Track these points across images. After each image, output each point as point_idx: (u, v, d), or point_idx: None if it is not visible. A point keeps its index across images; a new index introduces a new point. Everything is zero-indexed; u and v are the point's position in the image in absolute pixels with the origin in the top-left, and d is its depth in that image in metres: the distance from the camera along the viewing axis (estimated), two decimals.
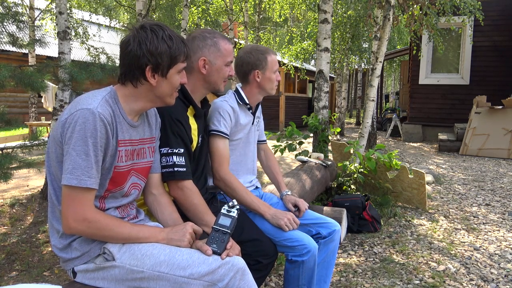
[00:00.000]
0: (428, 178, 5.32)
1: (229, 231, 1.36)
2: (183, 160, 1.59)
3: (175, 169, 1.57)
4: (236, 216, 1.39)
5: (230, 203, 1.41)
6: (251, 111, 2.06)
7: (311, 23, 11.49)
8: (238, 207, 1.41)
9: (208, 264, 1.26)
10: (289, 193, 2.12)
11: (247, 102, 2.01)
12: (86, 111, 1.21)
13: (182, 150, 1.59)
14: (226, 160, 1.88)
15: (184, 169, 1.58)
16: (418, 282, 2.51)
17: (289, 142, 4.19)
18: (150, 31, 1.30)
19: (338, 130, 4.72)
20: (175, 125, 1.59)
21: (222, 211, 1.40)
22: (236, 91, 2.04)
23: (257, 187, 2.16)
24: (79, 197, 1.22)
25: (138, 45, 1.29)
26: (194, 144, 1.69)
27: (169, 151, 1.58)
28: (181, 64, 1.37)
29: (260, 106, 2.16)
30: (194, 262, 1.26)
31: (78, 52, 14.49)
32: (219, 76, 1.73)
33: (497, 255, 2.95)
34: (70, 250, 1.32)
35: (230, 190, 1.85)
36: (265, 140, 2.32)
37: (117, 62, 4.00)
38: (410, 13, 5.77)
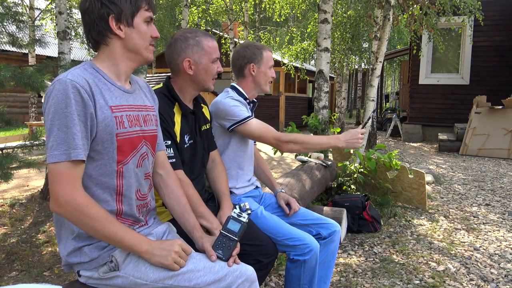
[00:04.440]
0: (428, 178, 5.32)
1: (236, 238, 1.29)
2: (172, 151, 1.59)
3: None
4: (247, 222, 1.30)
5: (242, 204, 1.33)
6: (249, 107, 2.06)
7: (311, 23, 11.48)
8: (250, 211, 1.32)
9: (215, 272, 1.23)
10: (283, 190, 2.16)
11: (247, 96, 2.02)
12: (57, 82, 1.17)
13: (169, 142, 1.60)
14: (270, 128, 1.93)
15: (174, 160, 1.59)
16: (418, 282, 2.51)
17: None
18: None
19: (338, 130, 4.71)
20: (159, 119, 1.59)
21: (233, 214, 1.32)
22: (233, 87, 2.03)
23: (257, 187, 2.16)
24: (67, 173, 1.14)
25: None
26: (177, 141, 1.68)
27: None
28: (145, 12, 1.29)
29: (256, 105, 2.15)
30: (200, 272, 1.23)
31: (78, 52, 14.50)
32: (207, 74, 1.69)
33: (497, 255, 2.95)
34: (80, 254, 1.27)
35: (300, 144, 1.90)
36: (254, 141, 2.32)
37: None
38: (410, 13, 5.77)
